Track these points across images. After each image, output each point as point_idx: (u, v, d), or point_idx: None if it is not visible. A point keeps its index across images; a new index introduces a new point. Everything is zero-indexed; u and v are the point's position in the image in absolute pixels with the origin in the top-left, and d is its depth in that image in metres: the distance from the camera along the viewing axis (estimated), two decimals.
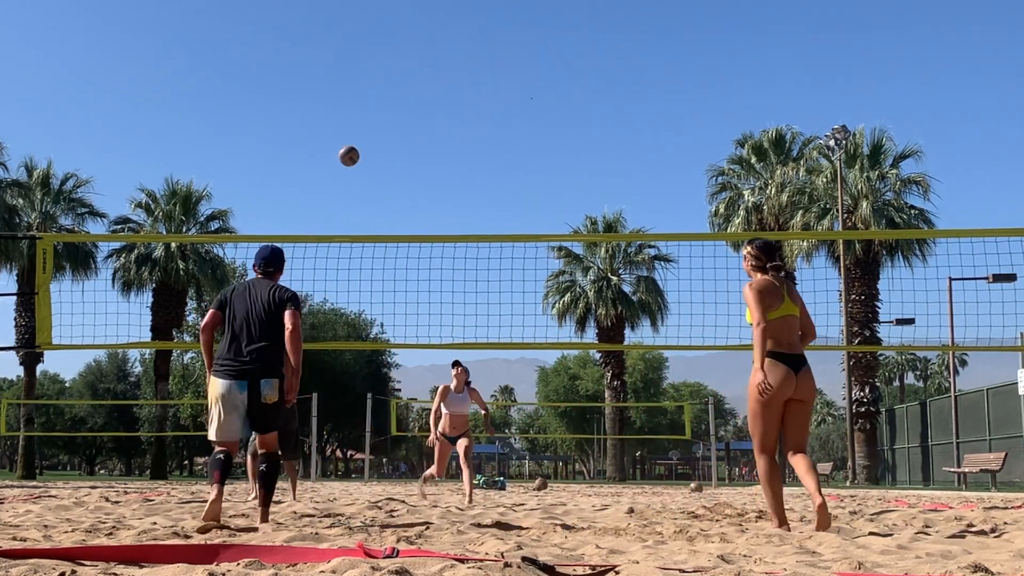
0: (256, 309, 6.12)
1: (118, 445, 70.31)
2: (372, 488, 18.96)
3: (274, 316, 6.10)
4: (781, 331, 5.79)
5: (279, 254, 6.55)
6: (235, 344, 6.06)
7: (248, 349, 6.01)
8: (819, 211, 33.12)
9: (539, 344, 11.66)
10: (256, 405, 5.99)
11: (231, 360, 6.02)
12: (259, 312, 6.10)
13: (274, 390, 6.01)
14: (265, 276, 6.39)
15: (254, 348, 6.01)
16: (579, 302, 40.02)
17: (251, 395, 5.97)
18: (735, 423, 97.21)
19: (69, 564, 3.48)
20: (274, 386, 6.02)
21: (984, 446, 25.47)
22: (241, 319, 6.12)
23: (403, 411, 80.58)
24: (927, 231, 30.58)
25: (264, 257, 6.45)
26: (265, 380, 5.98)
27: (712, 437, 30.68)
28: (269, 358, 6.02)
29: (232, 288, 6.36)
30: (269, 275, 6.40)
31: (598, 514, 7.63)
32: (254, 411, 6.02)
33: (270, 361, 6.02)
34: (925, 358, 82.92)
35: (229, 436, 6.01)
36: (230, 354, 6.05)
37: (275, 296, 6.18)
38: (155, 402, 40.01)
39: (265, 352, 6.02)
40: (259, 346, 6.01)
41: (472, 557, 3.64)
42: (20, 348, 34.50)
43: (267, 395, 5.98)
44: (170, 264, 37.25)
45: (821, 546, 4.59)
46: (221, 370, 6.03)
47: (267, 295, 6.18)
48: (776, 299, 5.83)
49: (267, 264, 6.42)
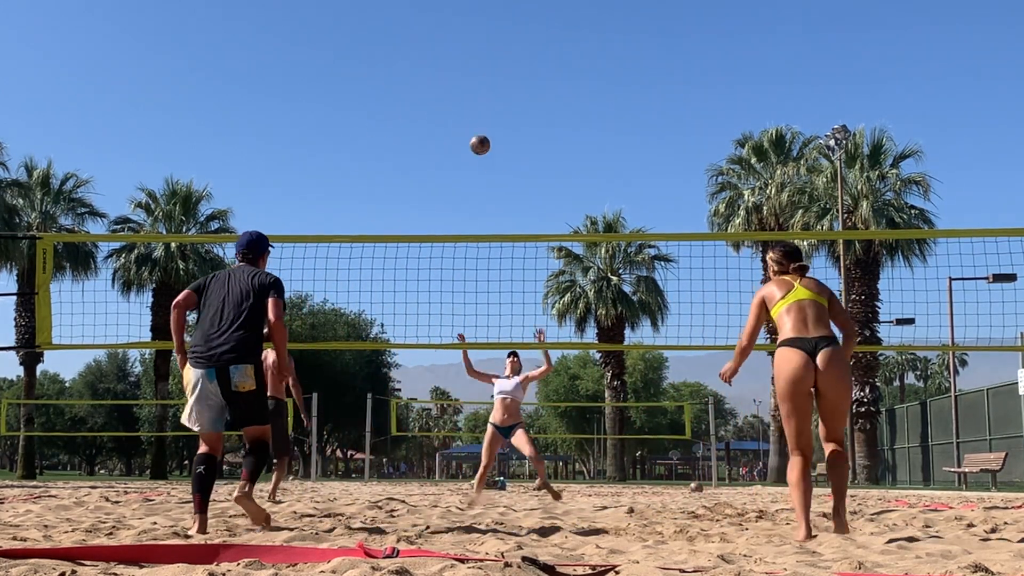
0: (232, 295, 5.74)
1: (118, 445, 70.32)
2: (372, 488, 18.95)
3: (252, 303, 5.70)
4: (792, 317, 5.36)
5: (260, 240, 6.15)
6: (205, 331, 5.71)
7: (218, 335, 5.63)
8: (819, 211, 33.10)
9: (539, 344, 11.65)
10: (230, 395, 5.58)
11: (200, 347, 5.67)
12: (235, 298, 5.72)
13: (246, 377, 5.54)
14: (246, 263, 6.02)
15: (224, 334, 5.61)
16: (579, 302, 40.03)
17: (222, 384, 5.56)
18: (735, 423, 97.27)
19: (69, 564, 3.48)
20: (246, 372, 5.55)
21: (984, 446, 25.47)
22: (216, 305, 5.75)
23: (403, 411, 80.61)
24: (927, 231, 30.58)
25: (243, 243, 6.08)
26: (235, 367, 5.54)
27: (712, 437, 30.69)
28: (240, 344, 5.59)
29: (214, 274, 6.00)
30: (251, 262, 6.03)
31: (598, 514, 7.63)
32: (231, 402, 5.61)
33: (242, 347, 5.58)
34: (925, 358, 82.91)
35: (201, 425, 5.63)
36: (199, 341, 5.69)
37: (255, 282, 5.79)
38: (155, 402, 40.02)
39: (236, 338, 5.60)
40: (230, 332, 5.61)
41: (472, 557, 3.64)
42: (20, 348, 34.51)
43: (239, 383, 5.53)
44: (170, 264, 37.25)
45: (821, 546, 4.59)
46: (192, 358, 5.70)
47: (247, 280, 5.80)
48: (783, 289, 5.52)
49: (247, 250, 6.05)
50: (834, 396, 5.16)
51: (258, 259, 6.10)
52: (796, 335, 5.26)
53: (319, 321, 50.02)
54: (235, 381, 5.54)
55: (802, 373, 5.14)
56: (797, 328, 5.29)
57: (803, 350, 5.18)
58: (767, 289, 5.68)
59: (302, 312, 50.66)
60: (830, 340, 5.25)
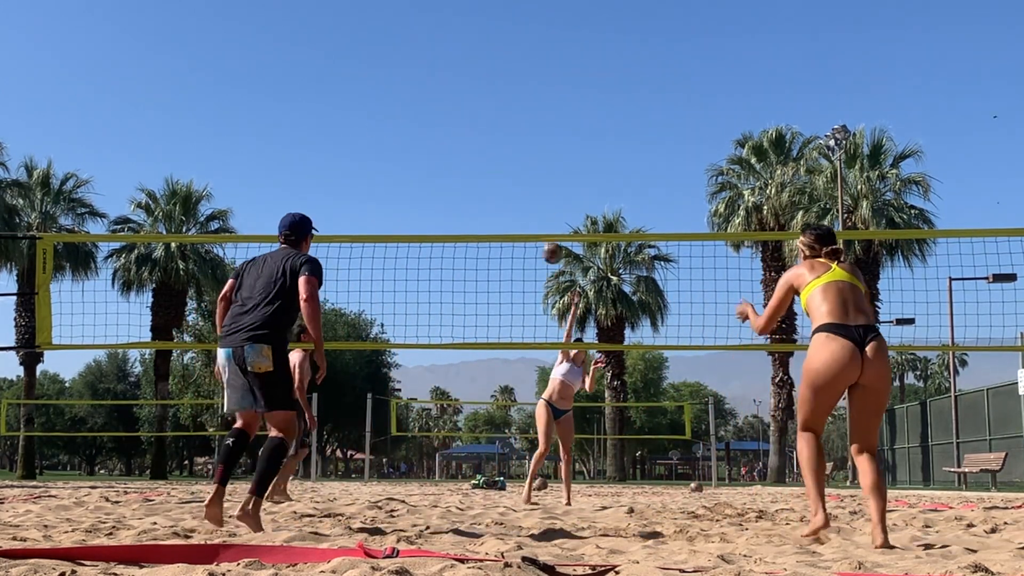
0: (263, 276, 5.55)
1: (118, 445, 70.32)
2: (372, 488, 18.95)
3: (281, 284, 5.47)
4: (831, 301, 4.74)
5: (303, 221, 5.88)
6: (232, 312, 5.55)
7: (241, 315, 5.45)
8: (819, 211, 33.11)
9: (539, 344, 11.65)
10: (248, 375, 5.37)
11: (224, 328, 5.52)
12: (265, 279, 5.53)
13: (262, 357, 5.31)
14: (288, 244, 5.77)
15: (247, 314, 5.43)
16: (579, 302, 40.06)
17: (240, 364, 5.38)
18: (735, 423, 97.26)
19: (69, 564, 3.48)
20: (261, 352, 5.31)
21: (984, 446, 25.47)
22: (247, 286, 5.58)
23: (403, 411, 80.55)
24: (927, 231, 30.59)
25: (285, 224, 5.83)
26: (250, 346, 5.33)
27: (712, 437, 30.69)
28: (260, 324, 5.38)
29: (253, 258, 5.81)
30: (293, 244, 5.77)
31: (598, 514, 7.63)
32: (249, 383, 5.39)
33: (260, 327, 5.37)
34: (925, 358, 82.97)
35: (228, 405, 5.52)
36: (227, 322, 5.54)
37: (287, 263, 5.54)
38: (155, 402, 40.01)
39: (258, 317, 5.40)
40: (253, 312, 5.43)
41: (472, 557, 3.64)
42: (20, 348, 34.52)
43: (254, 363, 5.31)
44: (170, 264, 37.26)
45: (822, 546, 4.59)
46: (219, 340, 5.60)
47: (280, 262, 5.58)
48: (817, 270, 4.93)
49: (289, 231, 5.80)
50: (880, 393, 4.65)
51: (300, 241, 5.83)
52: (838, 321, 4.65)
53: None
54: (249, 361, 5.33)
55: (848, 364, 4.56)
56: (837, 313, 4.69)
57: (850, 339, 4.59)
58: (796, 270, 5.06)
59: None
60: (876, 331, 4.68)
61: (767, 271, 34.49)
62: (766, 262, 34.64)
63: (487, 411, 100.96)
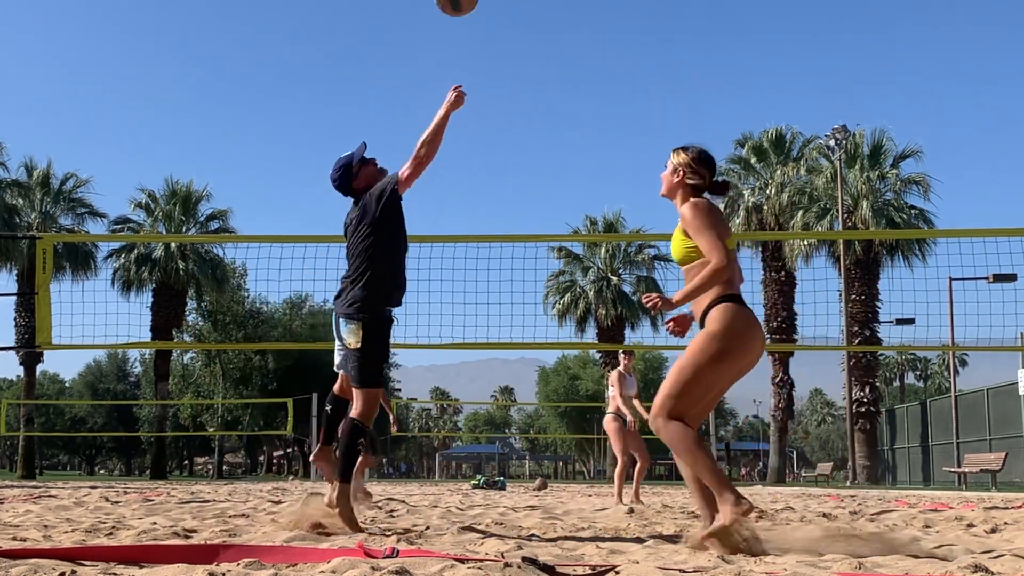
0: (348, 235, 5.37)
1: (118, 445, 70.41)
2: (372, 488, 18.95)
3: (352, 240, 5.28)
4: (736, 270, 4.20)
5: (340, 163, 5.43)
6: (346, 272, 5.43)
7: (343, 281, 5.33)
8: (819, 211, 33.12)
9: (539, 344, 11.67)
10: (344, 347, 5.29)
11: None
12: (348, 237, 5.36)
13: (351, 335, 5.20)
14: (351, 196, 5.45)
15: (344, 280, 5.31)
16: (579, 302, 40.08)
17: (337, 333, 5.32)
18: (735, 423, 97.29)
19: (69, 564, 3.48)
20: (351, 331, 5.20)
21: (984, 446, 25.49)
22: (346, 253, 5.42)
23: (403, 411, 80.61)
24: (927, 231, 30.60)
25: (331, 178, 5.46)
26: (343, 321, 5.23)
27: (712, 437, 30.69)
28: (347, 294, 5.25)
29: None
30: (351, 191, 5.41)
31: (598, 514, 7.63)
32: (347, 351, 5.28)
33: (350, 302, 5.22)
34: (925, 358, 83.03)
35: (336, 363, 5.43)
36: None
37: (352, 214, 5.34)
38: (155, 402, 40.04)
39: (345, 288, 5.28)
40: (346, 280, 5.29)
41: (472, 557, 3.64)
42: (20, 348, 34.54)
43: (345, 338, 5.24)
44: (170, 264, 37.28)
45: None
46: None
47: (349, 217, 5.40)
48: (727, 229, 4.18)
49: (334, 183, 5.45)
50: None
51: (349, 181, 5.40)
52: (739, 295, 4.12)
53: (319, 321, 50.05)
54: (343, 334, 5.26)
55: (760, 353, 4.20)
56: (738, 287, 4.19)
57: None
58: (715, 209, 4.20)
59: (302, 312, 50.70)
60: None
61: (767, 271, 34.51)
62: (766, 262, 34.65)
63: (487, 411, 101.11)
